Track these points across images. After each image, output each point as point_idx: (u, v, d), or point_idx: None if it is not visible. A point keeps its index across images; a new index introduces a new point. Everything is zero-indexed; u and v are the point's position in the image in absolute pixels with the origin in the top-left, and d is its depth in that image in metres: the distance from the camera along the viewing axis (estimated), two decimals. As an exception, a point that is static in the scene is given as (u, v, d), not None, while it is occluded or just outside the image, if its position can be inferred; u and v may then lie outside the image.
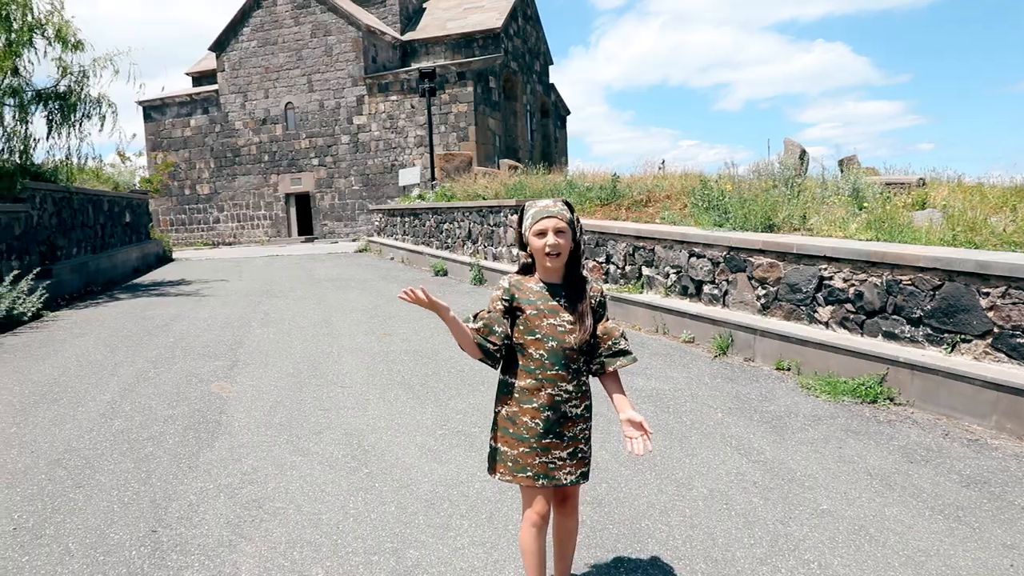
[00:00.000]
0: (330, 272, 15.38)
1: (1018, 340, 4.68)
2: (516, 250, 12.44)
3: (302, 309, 10.11)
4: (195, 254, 23.77)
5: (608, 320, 2.68)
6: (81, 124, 12.72)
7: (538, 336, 2.49)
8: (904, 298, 5.35)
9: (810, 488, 3.91)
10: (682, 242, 7.72)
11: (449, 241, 14.87)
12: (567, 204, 2.61)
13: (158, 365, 6.84)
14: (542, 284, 2.56)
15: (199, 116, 33.33)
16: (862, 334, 5.71)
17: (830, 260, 5.95)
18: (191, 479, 4.13)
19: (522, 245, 2.62)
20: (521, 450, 2.49)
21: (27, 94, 12.13)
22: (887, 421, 4.91)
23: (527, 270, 2.63)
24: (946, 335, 5.10)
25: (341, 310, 9.88)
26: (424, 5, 33.81)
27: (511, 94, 31.81)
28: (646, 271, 8.45)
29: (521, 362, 2.52)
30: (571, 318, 2.54)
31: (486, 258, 12.98)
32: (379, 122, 30.05)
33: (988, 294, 4.82)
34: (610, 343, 2.62)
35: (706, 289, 7.42)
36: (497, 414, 2.58)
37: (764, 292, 6.67)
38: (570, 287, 2.59)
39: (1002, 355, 4.77)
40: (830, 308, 5.99)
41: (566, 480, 2.56)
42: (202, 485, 4.04)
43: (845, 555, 3.18)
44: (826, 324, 6.03)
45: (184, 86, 35.59)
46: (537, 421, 2.49)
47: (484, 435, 4.80)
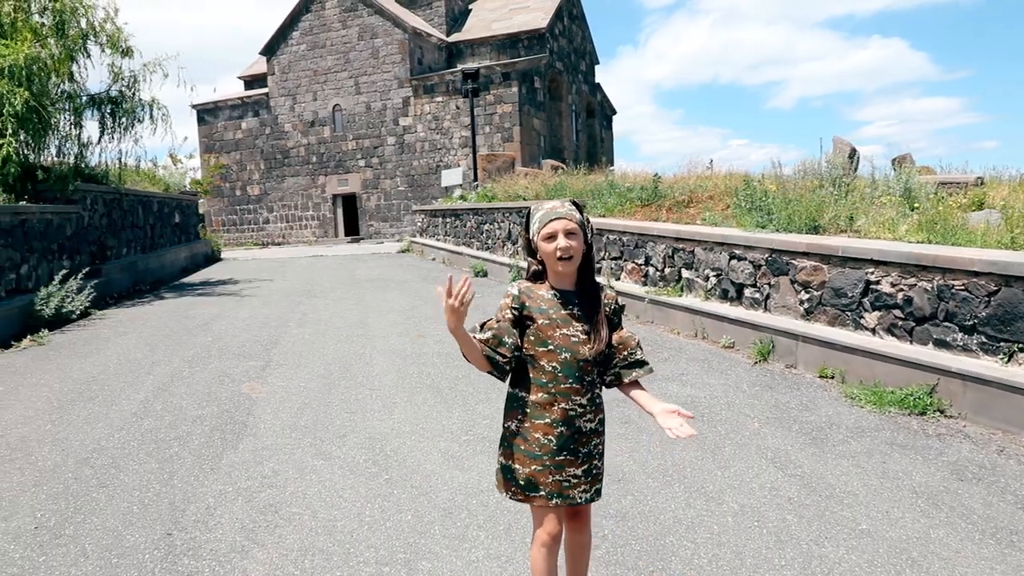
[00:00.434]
0: (371, 272, 15.47)
1: (1082, 351, 4.36)
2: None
3: (340, 309, 10.16)
4: (243, 254, 24.26)
5: (623, 329, 2.53)
6: (132, 127, 13.04)
7: (551, 347, 2.33)
8: (956, 304, 5.04)
9: (849, 506, 3.69)
10: (722, 244, 7.47)
11: (489, 242, 14.80)
12: (576, 204, 2.47)
13: (193, 364, 6.92)
14: (554, 292, 2.39)
15: (250, 119, 34.01)
16: (911, 341, 5.41)
17: (877, 263, 5.66)
18: (211, 481, 4.11)
19: (530, 251, 2.47)
20: (534, 468, 2.34)
21: (81, 99, 12.49)
22: (936, 435, 4.63)
23: (537, 277, 2.49)
24: (1002, 344, 4.78)
25: (378, 311, 9.89)
26: (470, 7, 33.89)
27: (556, 94, 31.63)
28: (686, 273, 8.21)
29: (532, 375, 2.36)
30: (585, 327, 2.38)
31: (525, 259, 12.85)
32: (424, 123, 30.21)
33: (1049, 301, 4.49)
34: (626, 353, 2.46)
35: (747, 293, 7.17)
36: (506, 430, 2.43)
37: (807, 296, 6.39)
38: (583, 294, 2.43)
39: (1064, 367, 4.44)
40: (877, 314, 5.69)
41: (581, 499, 2.41)
42: (221, 488, 4.02)
43: (883, 581, 2.97)
44: (872, 331, 5.74)
45: (236, 90, 36.41)
46: (550, 437, 2.33)
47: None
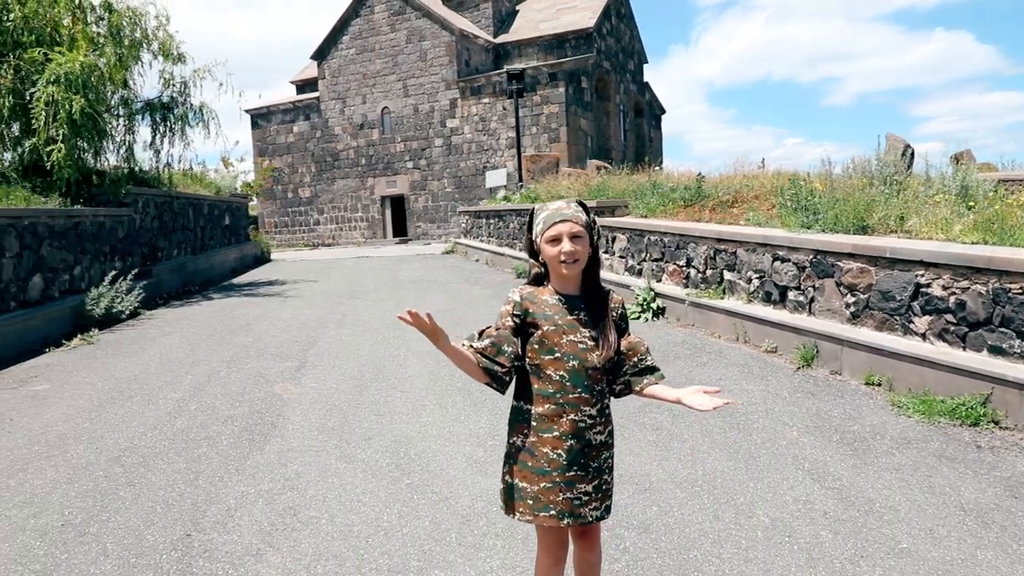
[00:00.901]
0: (414, 274, 15.54)
1: None
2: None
3: (379, 311, 10.20)
4: (292, 255, 24.72)
5: (631, 334, 2.40)
6: (183, 132, 13.38)
7: (557, 355, 2.20)
8: (1014, 309, 4.74)
9: (889, 522, 3.48)
10: (765, 245, 7.23)
11: (531, 243, 14.71)
12: (582, 205, 2.34)
13: (231, 365, 7.02)
14: (558, 296, 2.26)
15: (301, 122, 34.65)
16: (963, 348, 5.12)
17: (927, 265, 5.37)
18: (235, 482, 4.13)
19: (533, 253, 2.35)
20: (543, 485, 2.20)
21: (135, 105, 12.88)
22: (989, 448, 4.35)
23: (539, 281, 2.37)
24: (1064, 352, 4.47)
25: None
26: (517, 8, 33.86)
27: (604, 94, 31.36)
28: (727, 275, 7.98)
29: (537, 385, 2.23)
30: (592, 334, 2.25)
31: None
32: (471, 124, 30.30)
33: (1115, 306, 4.18)
34: (635, 359, 2.32)
35: (791, 295, 6.91)
36: (511, 446, 2.29)
37: (853, 300, 6.12)
38: (589, 299, 2.30)
39: None
40: (927, 318, 5.40)
41: (592, 517, 2.26)
42: (244, 489, 4.03)
43: (920, 607, 2.78)
44: (923, 336, 5.45)
45: (289, 94, 37.18)
46: (560, 452, 2.20)
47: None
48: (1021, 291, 4.68)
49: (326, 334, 8.45)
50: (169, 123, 13.09)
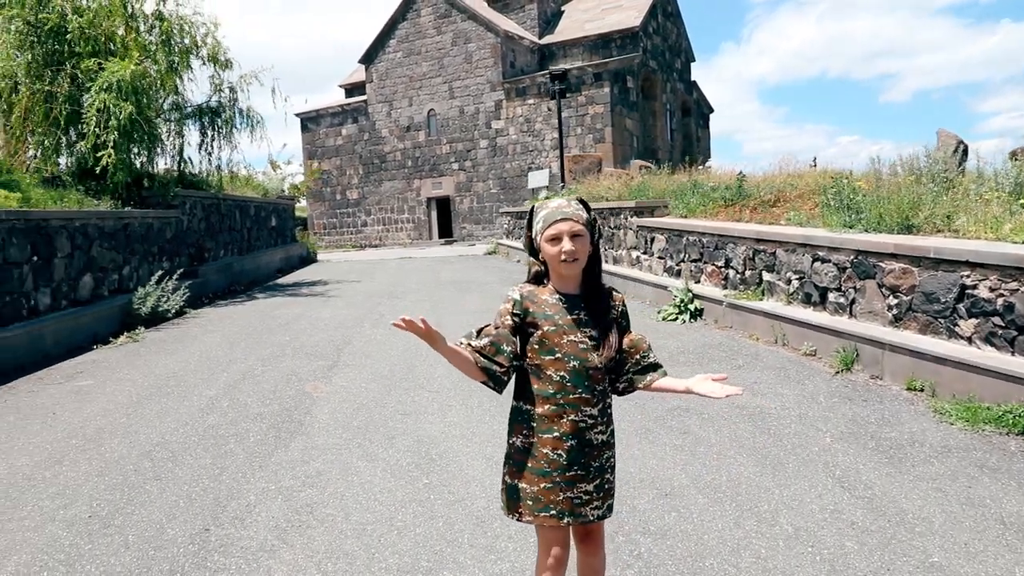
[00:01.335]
0: (455, 275, 15.61)
1: None
2: (628, 251, 11.94)
3: (417, 311, 10.16)
4: (337, 256, 25.10)
5: (632, 332, 2.34)
6: (230, 135, 13.70)
7: (558, 355, 2.17)
8: (1065, 312, 4.48)
9: (921, 534, 3.32)
10: (805, 245, 7.02)
11: (572, 244, 14.63)
12: (583, 203, 2.30)
13: (266, 363, 7.14)
14: (558, 295, 2.23)
15: (349, 125, 35.20)
16: (1012, 352, 4.87)
17: (974, 266, 5.13)
18: (257, 478, 4.18)
19: (532, 251, 2.31)
20: (543, 486, 2.18)
21: (185, 110, 13.25)
22: (1036, 458, 4.12)
23: (539, 279, 2.33)
24: (1119, 358, 4.21)
25: (454, 312, 9.93)
26: (562, 8, 33.78)
27: (650, 93, 31.02)
28: (767, 276, 7.77)
29: (537, 386, 2.21)
30: (593, 333, 2.21)
31: (607, 261, 12.61)
32: (516, 126, 30.32)
33: None
34: (638, 357, 2.29)
35: (831, 297, 6.69)
36: (511, 446, 2.27)
37: (896, 301, 5.89)
38: (590, 298, 2.26)
39: None
40: (973, 321, 5.16)
41: (593, 516, 2.24)
42: (265, 485, 4.08)
43: (945, 624, 2.63)
44: (968, 340, 5.21)
45: (338, 98, 37.81)
46: (560, 452, 2.17)
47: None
48: (1073, 293, 4.43)
49: (361, 333, 8.53)
50: (217, 127, 13.43)
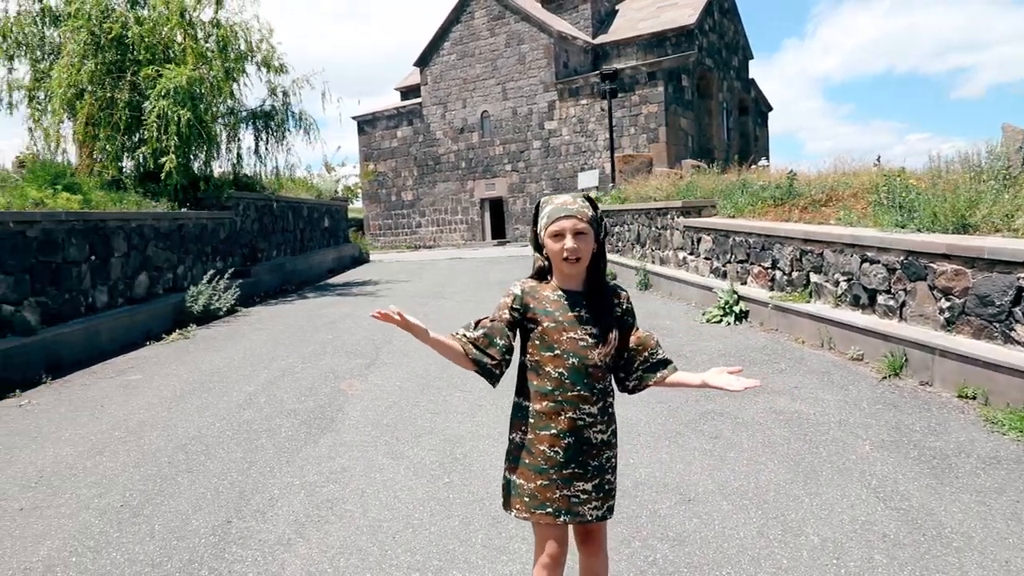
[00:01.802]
0: (503, 275, 15.62)
1: None
2: (674, 252, 11.73)
3: (461, 311, 10.32)
4: (389, 256, 25.45)
5: (639, 329, 2.30)
6: (283, 138, 14.05)
7: (557, 352, 2.15)
8: None
9: (958, 550, 3.14)
10: (853, 245, 6.76)
11: (620, 244, 14.48)
12: (589, 200, 2.26)
13: (307, 360, 7.27)
14: (560, 292, 2.21)
15: (404, 127, 35.65)
16: (1071, 360, 4.58)
17: (1030, 267, 4.85)
18: (283, 473, 4.25)
19: (537, 246, 2.30)
20: (540, 483, 2.16)
21: (240, 114, 13.64)
22: (1093, 473, 3.86)
23: (542, 275, 2.30)
24: None
25: (496, 313, 9.93)
26: (616, 7, 33.50)
27: (705, 92, 30.48)
28: (814, 278, 7.52)
29: (536, 382, 2.19)
30: (594, 331, 2.18)
31: (653, 262, 12.43)
32: (569, 126, 30.20)
33: None
34: (646, 354, 2.25)
35: (880, 299, 6.43)
36: (511, 442, 2.26)
37: (948, 304, 5.61)
38: (592, 295, 2.23)
39: None
40: (1030, 326, 4.87)
41: (591, 516, 2.20)
42: (289, 480, 4.14)
43: (971, 646, 2.48)
44: (1024, 345, 4.92)
45: (394, 100, 38.36)
46: (557, 449, 2.15)
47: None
48: None
49: (402, 333, 8.59)
50: (270, 130, 13.79)
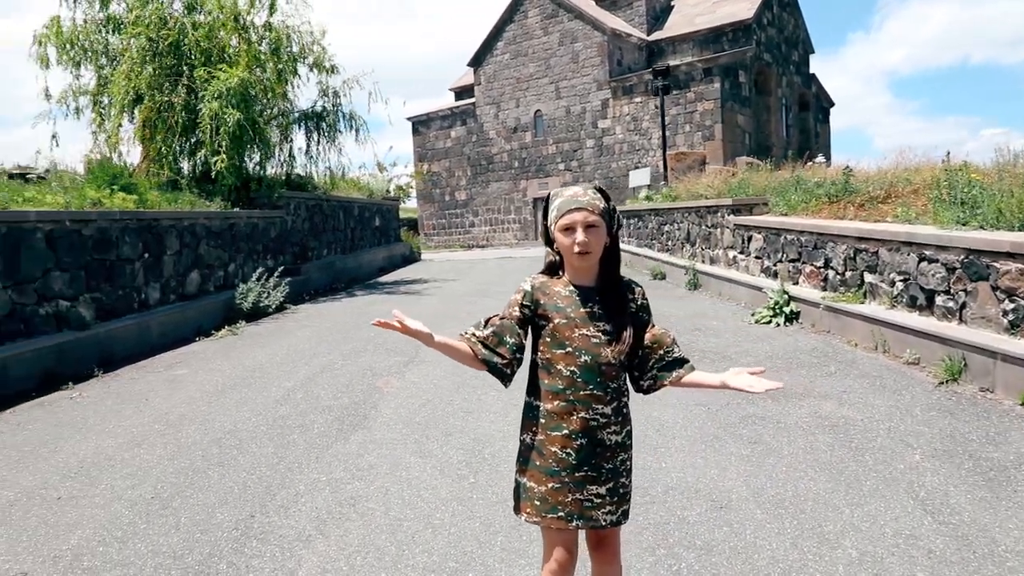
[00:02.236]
0: (551, 274, 15.51)
1: None
2: (724, 251, 11.43)
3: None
4: (440, 256, 25.61)
5: (655, 326, 2.19)
6: (334, 138, 14.25)
7: (569, 349, 2.07)
8: None
9: (1012, 570, 2.92)
10: (910, 244, 6.43)
11: (669, 243, 14.20)
12: (601, 191, 2.17)
13: (347, 357, 7.32)
14: (572, 287, 2.13)
15: (458, 127, 35.84)
16: None
17: (1102, 266, 4.50)
18: (310, 469, 4.26)
19: (548, 241, 2.21)
20: (551, 486, 2.07)
21: (292, 115, 13.90)
22: None
23: (553, 270, 2.22)
24: None
25: (540, 312, 9.84)
26: (672, 3, 32.96)
27: (764, 88, 29.70)
28: (868, 278, 7.19)
29: (548, 381, 2.11)
30: (608, 327, 2.09)
31: (703, 261, 12.13)
32: (623, 125, 29.86)
33: None
34: (662, 352, 2.15)
35: (938, 301, 6.09)
36: (522, 443, 2.19)
37: (1012, 306, 5.27)
38: (606, 290, 2.14)
39: None
40: (1101, 330, 4.53)
41: (605, 521, 2.11)
42: (316, 476, 4.14)
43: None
44: (1095, 350, 4.57)
45: (448, 101, 38.64)
46: (569, 451, 2.06)
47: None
48: None
49: (444, 330, 8.57)
50: (322, 131, 14.01)
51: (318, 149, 14.10)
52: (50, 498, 4.00)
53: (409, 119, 36.48)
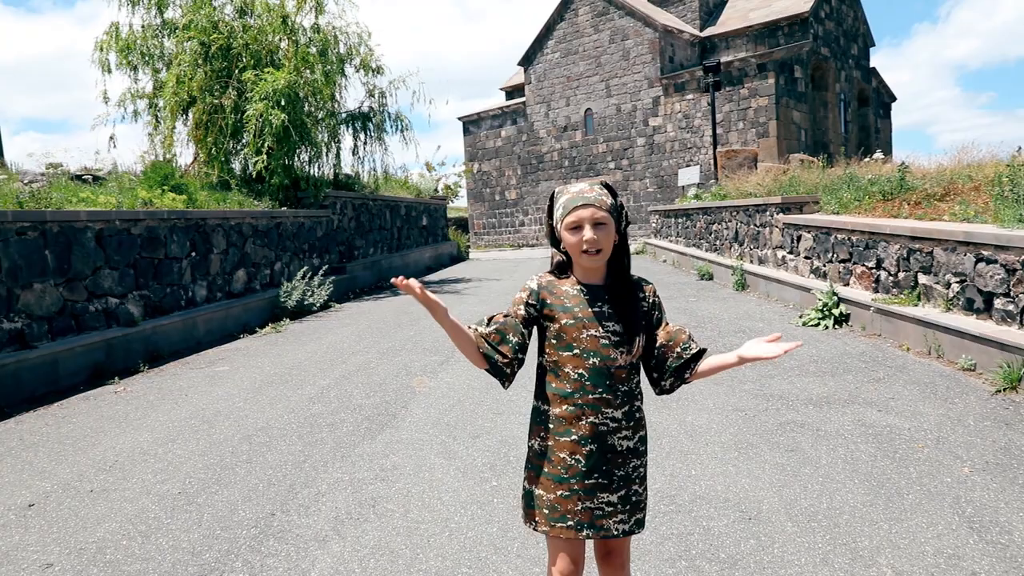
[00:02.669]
0: (596, 274, 15.35)
1: None
2: (773, 251, 11.10)
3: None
4: (488, 255, 25.65)
5: (669, 323, 2.10)
6: (381, 138, 14.38)
7: (576, 352, 1.99)
8: None
9: (1064, 596, 2.70)
10: (967, 243, 6.10)
11: (717, 243, 13.87)
12: (607, 187, 2.07)
13: (384, 356, 7.34)
14: (580, 287, 2.04)
15: (508, 127, 35.87)
16: None
17: None
18: (335, 468, 4.26)
19: (554, 240, 2.12)
20: (560, 494, 1.99)
21: (339, 116, 14.07)
22: None
23: (562, 270, 2.13)
24: None
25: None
26: (726, -3, 32.29)
27: (821, 83, 28.83)
28: (922, 279, 6.86)
29: (555, 384, 2.03)
30: (617, 328, 2.00)
31: (751, 261, 11.80)
32: (674, 122, 29.40)
33: None
34: (678, 350, 2.05)
35: (997, 304, 5.76)
36: (530, 449, 2.11)
37: (1077, 310, 4.93)
38: (615, 289, 2.05)
39: None
40: None
41: (617, 530, 2.03)
42: (339, 476, 4.14)
43: None
44: None
45: (499, 101, 38.70)
46: (578, 457, 1.98)
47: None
48: None
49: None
50: (368, 131, 14.15)
51: (365, 149, 14.27)
52: (83, 490, 4.09)
53: (460, 119, 36.69)
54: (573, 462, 1.98)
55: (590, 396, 1.98)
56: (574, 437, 1.98)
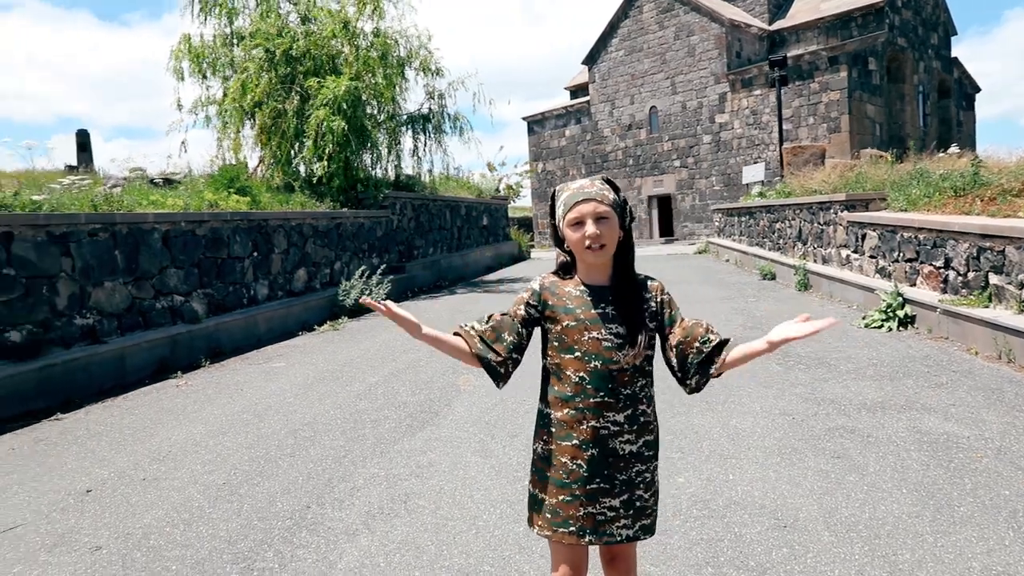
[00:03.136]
0: (655, 273, 15.12)
1: None
2: (837, 250, 10.70)
3: (599, 309, 10.08)
4: (549, 254, 25.57)
5: (684, 319, 2.02)
6: (440, 140, 14.56)
7: (578, 354, 1.95)
8: None
9: (1121, 619, 2.52)
10: (1041, 241, 5.75)
11: (780, 241, 13.47)
12: (610, 182, 2.04)
13: (433, 354, 7.42)
14: (583, 287, 2.00)
15: (572, 126, 35.76)
16: None
17: None
18: (373, 464, 4.34)
19: (558, 240, 2.09)
20: (562, 498, 1.98)
21: (400, 118, 14.32)
22: None
23: (567, 270, 2.10)
24: None
25: (635, 312, 9.61)
26: (796, -11, 31.32)
27: (897, 75, 27.65)
28: (993, 279, 6.49)
29: (557, 387, 2.00)
30: (621, 330, 1.96)
31: (815, 260, 11.41)
32: (742, 119, 28.75)
33: None
34: (697, 345, 1.97)
35: (1073, 306, 5.40)
36: (534, 452, 2.10)
37: None
38: (620, 289, 2.00)
39: None
40: None
41: (621, 536, 1.99)
42: (375, 471, 4.21)
43: None
44: None
45: (563, 100, 38.62)
46: (579, 462, 1.96)
47: (679, 458, 4.16)
48: None
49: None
50: (428, 132, 14.35)
51: (425, 150, 14.48)
52: (137, 479, 4.29)
53: (524, 119, 36.81)
54: (574, 467, 1.96)
55: (591, 400, 1.94)
56: (575, 441, 1.96)
